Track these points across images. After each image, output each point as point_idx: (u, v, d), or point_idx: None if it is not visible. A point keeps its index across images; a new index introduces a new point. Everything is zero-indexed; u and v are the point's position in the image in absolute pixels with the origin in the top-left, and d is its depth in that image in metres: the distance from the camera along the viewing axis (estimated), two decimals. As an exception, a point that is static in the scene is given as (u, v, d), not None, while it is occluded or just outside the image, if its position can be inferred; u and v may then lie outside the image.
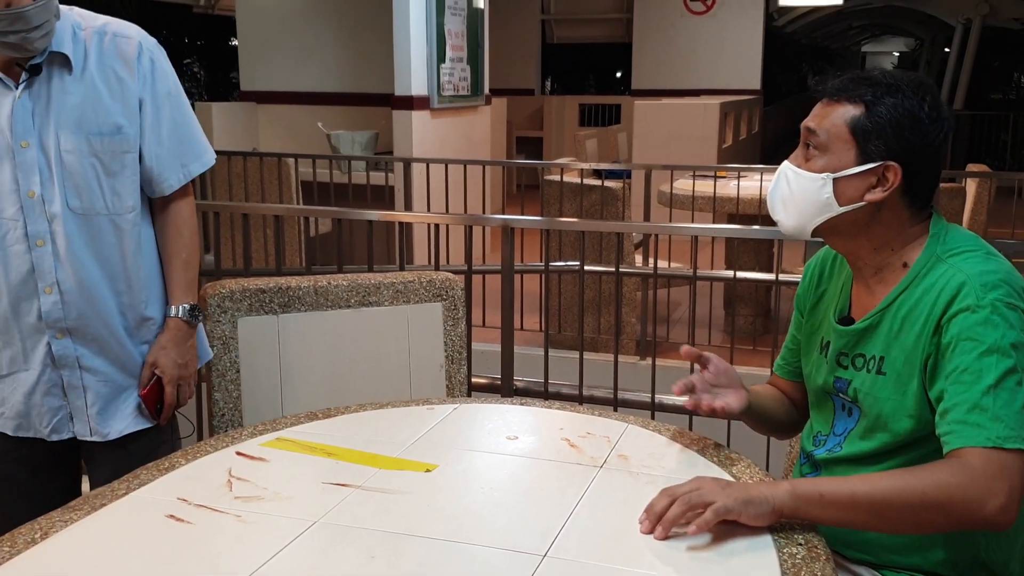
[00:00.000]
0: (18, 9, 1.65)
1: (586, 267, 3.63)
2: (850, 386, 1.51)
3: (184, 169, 1.93)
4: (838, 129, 1.43)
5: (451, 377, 2.15)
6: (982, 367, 1.31)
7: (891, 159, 1.41)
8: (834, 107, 1.45)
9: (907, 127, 1.40)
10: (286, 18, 7.41)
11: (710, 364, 1.58)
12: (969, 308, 1.34)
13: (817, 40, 25.26)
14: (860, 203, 1.44)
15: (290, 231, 5.59)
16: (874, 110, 1.41)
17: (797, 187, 1.47)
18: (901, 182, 1.42)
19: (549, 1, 11.97)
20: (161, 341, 1.92)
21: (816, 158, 1.45)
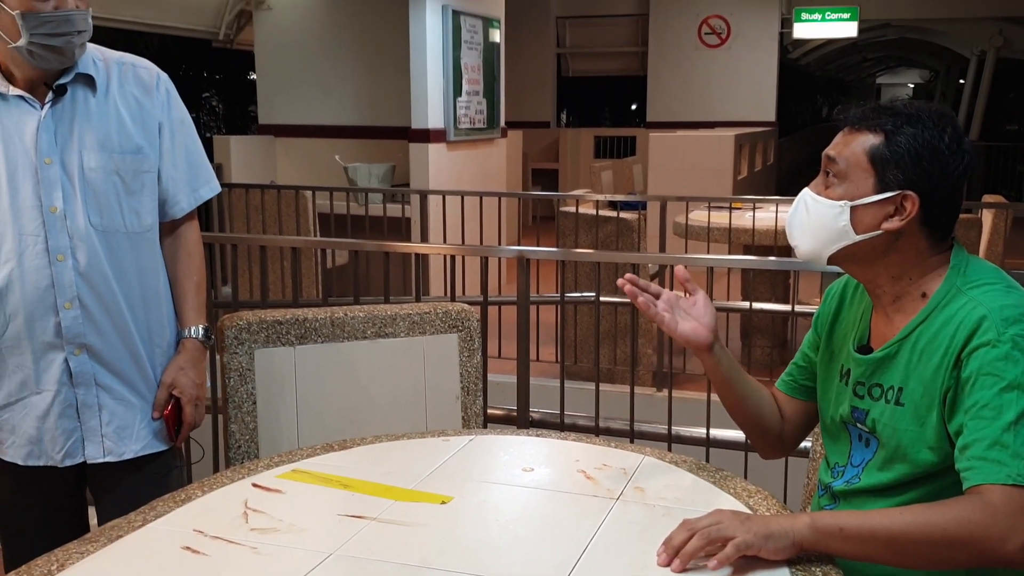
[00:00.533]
0: (65, 12, 1.71)
1: (602, 298, 3.63)
2: (868, 416, 1.49)
3: (195, 193, 1.98)
4: (857, 158, 1.44)
5: (467, 408, 2.15)
6: (1002, 403, 1.30)
7: (909, 188, 1.41)
8: (855, 136, 1.45)
9: (926, 157, 1.40)
10: (304, 52, 7.49)
11: (695, 294, 1.59)
12: (989, 343, 1.34)
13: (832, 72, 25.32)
14: (877, 232, 1.44)
15: (307, 263, 5.62)
16: (893, 139, 1.41)
17: (815, 213, 1.47)
18: (919, 212, 1.42)
19: (564, 35, 12.07)
20: (179, 362, 1.94)
21: (835, 186, 1.46)
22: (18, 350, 1.83)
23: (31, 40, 1.70)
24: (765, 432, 1.68)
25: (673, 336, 1.57)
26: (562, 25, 12.00)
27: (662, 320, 1.56)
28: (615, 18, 11.87)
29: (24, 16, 1.68)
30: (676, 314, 1.58)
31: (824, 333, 1.64)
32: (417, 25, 6.50)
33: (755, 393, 1.66)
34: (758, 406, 1.66)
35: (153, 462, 1.93)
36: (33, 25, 1.69)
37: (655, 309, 1.56)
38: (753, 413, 1.66)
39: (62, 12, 1.71)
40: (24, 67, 1.77)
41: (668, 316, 1.57)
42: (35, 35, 1.70)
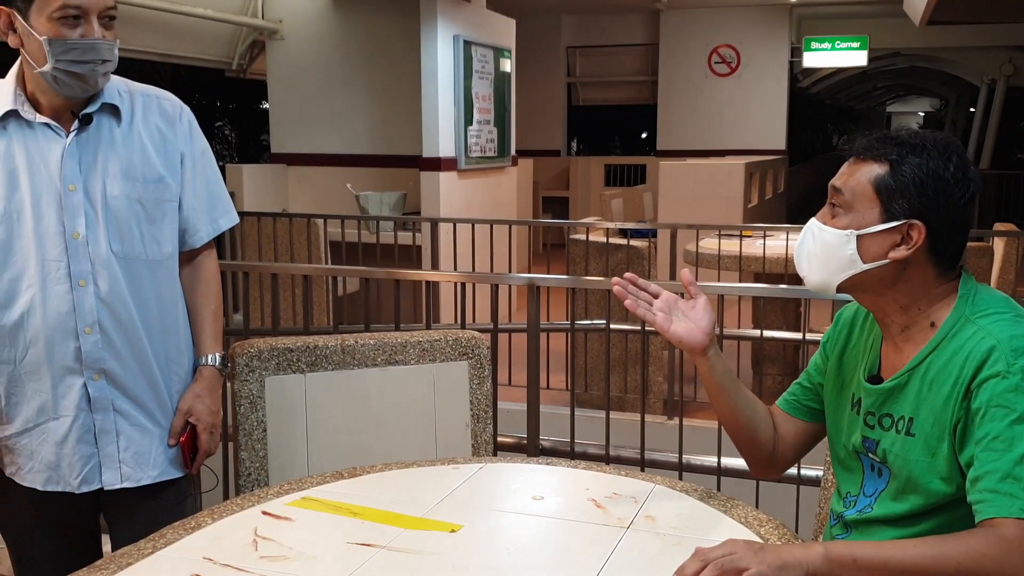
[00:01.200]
0: (91, 40, 1.74)
1: (612, 325, 3.63)
2: (879, 446, 1.49)
3: (214, 223, 2.00)
4: (862, 187, 1.45)
5: (477, 436, 2.15)
6: (1013, 435, 1.30)
7: (915, 218, 1.41)
8: (860, 166, 1.46)
9: (931, 186, 1.41)
10: (316, 82, 7.55)
11: (697, 297, 1.60)
12: (999, 374, 1.34)
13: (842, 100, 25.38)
14: (884, 261, 1.44)
15: (318, 290, 5.64)
16: (898, 169, 1.42)
17: (822, 243, 1.48)
18: (926, 241, 1.42)
19: (575, 64, 12.14)
20: (195, 389, 1.95)
21: (841, 216, 1.47)
22: (37, 375, 1.83)
23: (56, 66, 1.73)
24: (757, 447, 1.67)
25: (666, 336, 1.58)
26: (572, 55, 12.08)
27: (653, 320, 1.58)
28: (625, 47, 11.94)
29: (51, 42, 1.71)
30: (673, 315, 1.59)
31: (833, 359, 1.64)
32: (429, 55, 6.56)
33: (749, 405, 1.65)
34: (751, 419, 1.65)
35: (169, 489, 1.93)
36: (59, 51, 1.72)
37: (645, 309, 1.58)
38: (746, 425, 1.65)
39: (88, 40, 1.73)
40: (50, 94, 1.80)
41: (661, 316, 1.58)
42: (60, 61, 1.73)
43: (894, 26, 11.53)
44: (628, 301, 1.58)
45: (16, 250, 1.81)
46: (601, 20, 11.80)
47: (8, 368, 1.83)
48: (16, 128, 1.81)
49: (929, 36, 11.63)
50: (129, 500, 1.91)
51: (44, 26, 1.72)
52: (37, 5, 1.71)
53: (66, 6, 1.70)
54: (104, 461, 1.87)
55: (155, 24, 6.83)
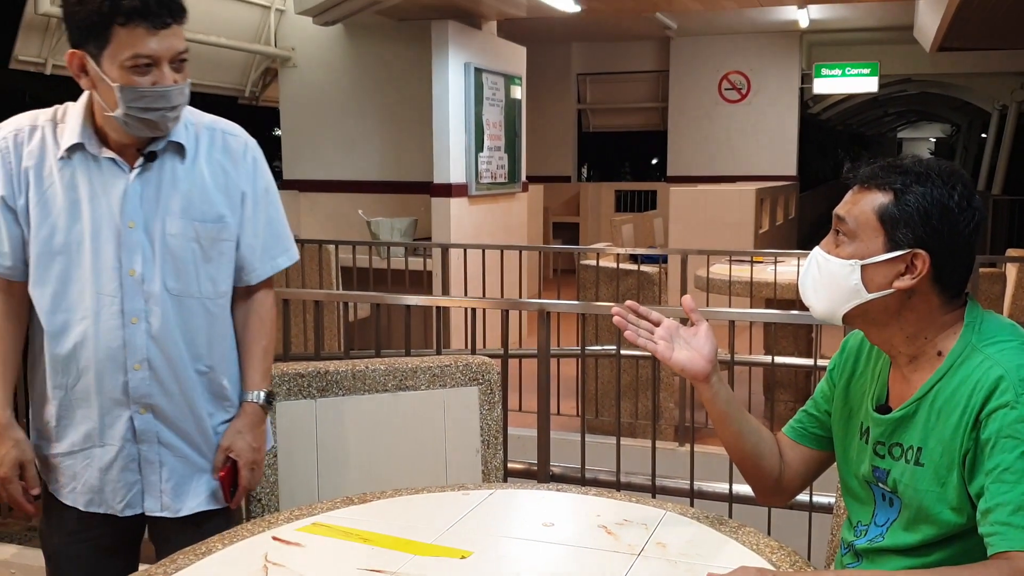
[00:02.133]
0: (163, 88, 1.74)
1: (623, 351, 3.63)
2: (889, 476, 1.48)
3: (273, 262, 1.98)
4: (866, 216, 1.44)
5: (487, 462, 2.14)
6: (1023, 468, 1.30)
7: (919, 247, 1.41)
8: (864, 194, 1.45)
9: (935, 215, 1.40)
10: (328, 109, 7.61)
11: (699, 324, 1.60)
12: (1008, 404, 1.33)
13: (852, 126, 25.42)
14: (889, 290, 1.43)
15: (329, 316, 5.65)
16: (902, 198, 1.41)
17: (827, 272, 1.48)
18: (930, 270, 1.41)
19: (585, 91, 12.20)
20: (237, 425, 1.94)
21: (845, 244, 1.46)
22: (86, 403, 1.85)
23: (127, 112, 1.74)
24: (762, 474, 1.66)
25: (668, 364, 1.58)
26: (583, 82, 12.14)
27: (655, 349, 1.58)
28: (635, 74, 12.00)
29: (123, 89, 1.72)
30: (675, 343, 1.59)
31: (840, 387, 1.63)
32: (440, 82, 6.61)
33: (754, 432, 1.64)
34: (756, 445, 1.64)
35: (212, 520, 1.92)
36: (131, 99, 1.72)
37: (646, 338, 1.58)
38: (751, 452, 1.64)
39: (160, 88, 1.73)
40: (119, 132, 1.80)
41: (663, 344, 1.58)
42: (131, 108, 1.73)
43: (905, 52, 11.57)
44: (628, 332, 1.59)
45: (73, 280, 1.82)
46: (611, 47, 11.87)
47: (60, 393, 1.85)
48: (81, 160, 1.82)
49: (940, 62, 11.66)
50: (173, 528, 1.91)
51: (116, 72, 1.71)
52: (110, 51, 1.71)
53: (137, 56, 1.70)
54: (147, 488, 1.88)
55: (169, 52, 6.89)
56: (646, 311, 1.62)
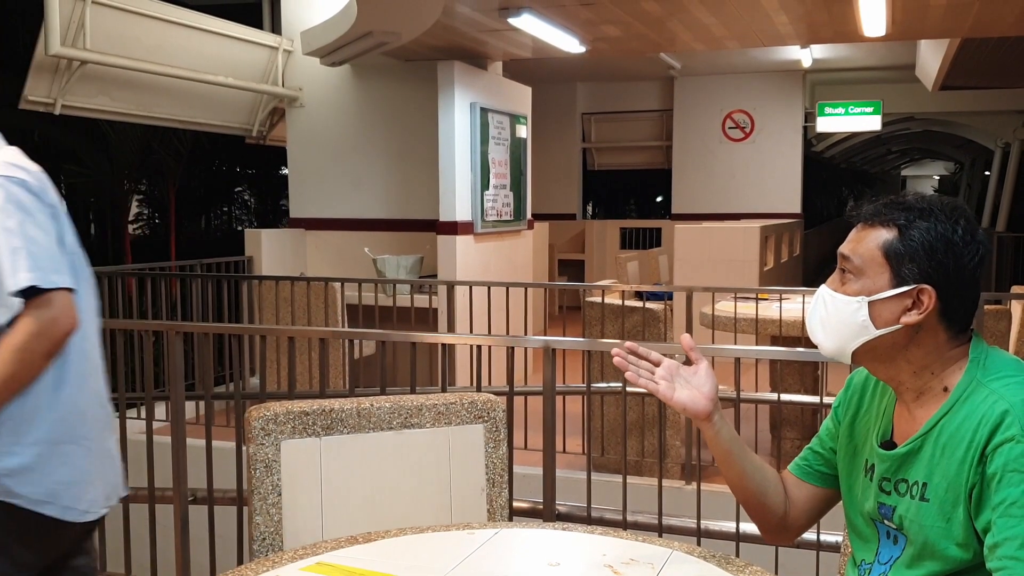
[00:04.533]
0: None
1: (629, 388, 3.62)
2: (895, 512, 1.47)
3: None
4: (872, 253, 1.45)
5: (492, 501, 2.13)
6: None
7: (925, 282, 1.42)
8: (868, 232, 1.46)
9: (940, 250, 1.41)
10: (335, 148, 7.67)
11: (698, 363, 1.61)
12: (1014, 439, 1.33)
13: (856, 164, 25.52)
14: (896, 326, 1.44)
15: (335, 353, 5.65)
16: (907, 234, 1.42)
17: (834, 310, 1.48)
18: (937, 305, 1.42)
19: (590, 130, 12.28)
20: None
21: (852, 282, 1.47)
22: None
23: None
24: (767, 512, 1.66)
25: (670, 404, 1.58)
26: (587, 121, 12.23)
27: (656, 389, 1.59)
28: (640, 113, 12.09)
29: None
30: (676, 382, 1.60)
31: (845, 424, 1.63)
32: (446, 122, 6.66)
33: (758, 471, 1.64)
34: (761, 484, 1.64)
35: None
36: None
37: (647, 379, 1.59)
38: (755, 491, 1.64)
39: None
40: None
41: (664, 384, 1.59)
42: None
43: (907, 91, 11.65)
44: (629, 373, 1.60)
45: None
46: (616, 87, 11.97)
47: None
48: None
49: (942, 101, 11.73)
50: None
51: None
52: None
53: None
54: None
55: (177, 92, 6.97)
56: (646, 351, 1.62)
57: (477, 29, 6.27)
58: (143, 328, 5.36)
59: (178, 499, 3.60)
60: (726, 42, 7.08)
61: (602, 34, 6.56)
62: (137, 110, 6.86)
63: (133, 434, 4.12)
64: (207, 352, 3.83)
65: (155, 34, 6.46)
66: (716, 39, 6.86)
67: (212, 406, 3.84)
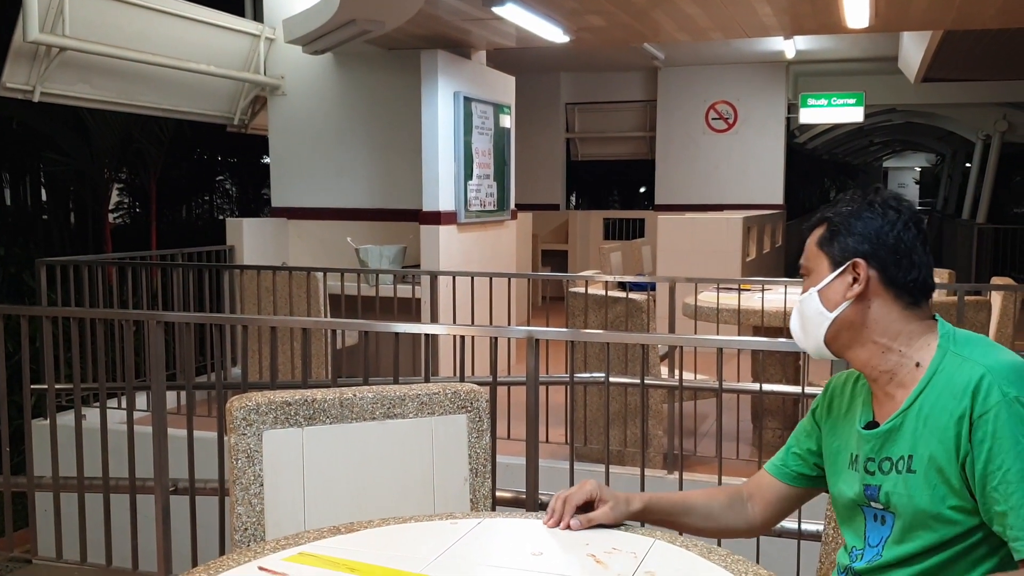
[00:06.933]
0: None
1: (612, 379, 3.62)
2: (881, 491, 1.52)
3: None
4: (812, 251, 1.61)
5: (475, 491, 2.13)
6: (1023, 467, 1.36)
7: (854, 256, 1.53)
8: (809, 236, 1.63)
9: (859, 224, 1.54)
10: (317, 137, 7.63)
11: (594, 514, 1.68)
12: (997, 404, 1.39)
13: (839, 156, 25.63)
14: (846, 303, 1.54)
15: (317, 343, 5.63)
16: (832, 222, 1.57)
17: (800, 311, 1.63)
18: (877, 273, 1.53)
19: (573, 120, 12.28)
20: None
21: (806, 282, 1.62)
22: None
23: None
24: (730, 532, 1.79)
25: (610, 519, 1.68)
26: (571, 111, 12.22)
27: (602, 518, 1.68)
28: (623, 104, 12.09)
29: None
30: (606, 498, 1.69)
31: (827, 428, 1.70)
32: (429, 111, 6.64)
33: (703, 514, 1.75)
34: (716, 519, 1.75)
35: None
36: None
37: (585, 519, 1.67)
38: (712, 528, 1.77)
39: None
40: None
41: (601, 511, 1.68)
42: None
43: (890, 83, 11.70)
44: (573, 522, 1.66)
45: None
46: (599, 77, 11.96)
47: None
48: None
49: (924, 93, 11.79)
50: None
51: None
52: None
53: None
54: None
55: (158, 80, 6.91)
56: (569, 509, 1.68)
57: (461, 18, 6.25)
58: (124, 318, 5.32)
59: (159, 490, 3.59)
60: (710, 33, 7.08)
61: (586, 24, 6.55)
62: (118, 98, 6.80)
63: (114, 424, 4.10)
64: (188, 342, 3.81)
65: (136, 21, 6.40)
66: (700, 30, 6.87)
67: (193, 396, 3.82)
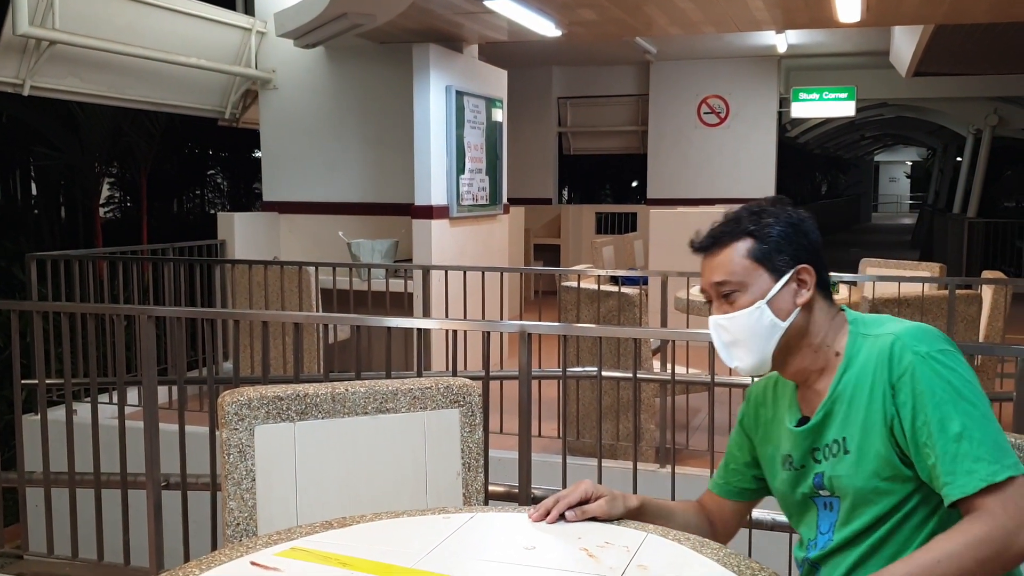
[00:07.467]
0: None
1: (604, 373, 3.63)
2: (825, 477, 1.58)
3: None
4: (743, 265, 1.58)
5: (468, 485, 2.13)
6: (942, 417, 1.41)
7: (799, 263, 1.58)
8: (722, 253, 1.60)
9: (792, 233, 1.58)
10: (309, 130, 7.61)
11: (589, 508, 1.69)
12: (911, 363, 1.46)
13: (830, 150, 25.67)
14: (796, 310, 1.57)
15: (309, 338, 5.63)
16: (762, 234, 1.58)
17: (741, 328, 1.59)
18: (816, 277, 1.59)
19: (566, 114, 12.27)
20: None
21: (740, 298, 1.59)
22: None
23: None
24: None
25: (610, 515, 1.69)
26: (563, 105, 12.21)
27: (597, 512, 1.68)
28: (615, 98, 12.08)
29: None
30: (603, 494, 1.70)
31: (757, 436, 1.74)
32: (421, 105, 6.63)
33: (683, 518, 1.79)
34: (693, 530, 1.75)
35: None
36: None
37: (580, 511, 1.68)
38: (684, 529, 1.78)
39: None
40: None
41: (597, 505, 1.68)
42: None
43: (881, 77, 11.71)
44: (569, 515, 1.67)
45: None
46: (592, 71, 11.96)
47: None
48: None
49: (915, 87, 11.80)
50: None
51: None
52: None
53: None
54: None
55: (149, 73, 6.88)
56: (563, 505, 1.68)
57: (453, 11, 6.23)
58: (114, 312, 5.31)
59: (151, 484, 3.58)
60: (702, 27, 7.08)
61: (578, 18, 6.54)
62: (108, 91, 6.77)
63: (105, 419, 4.09)
64: (180, 337, 3.80)
65: (126, 14, 6.37)
66: (692, 24, 6.86)
67: (185, 391, 3.81)
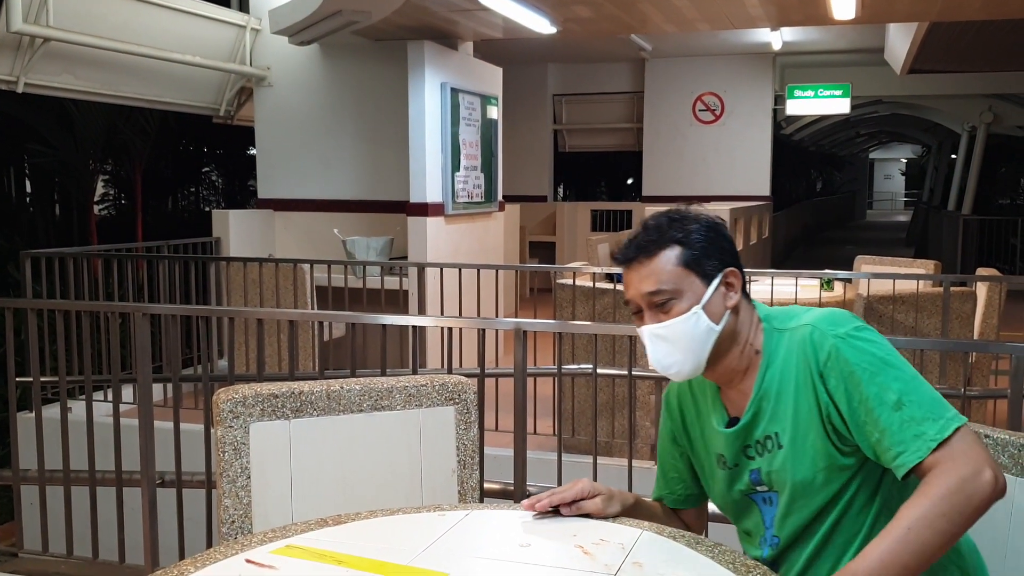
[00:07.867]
0: None
1: (599, 370, 3.63)
2: (762, 473, 1.60)
3: None
4: (674, 272, 1.59)
5: (463, 483, 2.13)
6: (878, 390, 1.44)
7: (726, 267, 1.62)
8: (651, 263, 1.60)
9: (715, 238, 1.62)
10: (304, 128, 7.60)
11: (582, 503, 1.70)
12: (832, 347, 1.50)
13: (825, 147, 25.70)
14: (727, 313, 1.61)
15: (304, 336, 5.62)
16: (689, 241, 1.60)
17: (678, 335, 1.60)
18: (740, 278, 1.63)
19: (561, 112, 12.27)
20: None
21: (676, 305, 1.60)
22: None
23: None
24: None
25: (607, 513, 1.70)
26: (558, 102, 12.21)
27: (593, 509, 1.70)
28: (610, 95, 12.08)
29: None
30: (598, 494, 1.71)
31: (686, 441, 1.77)
32: (416, 102, 6.62)
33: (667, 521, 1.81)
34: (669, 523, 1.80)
35: None
36: None
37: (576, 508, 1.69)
38: None
39: None
40: None
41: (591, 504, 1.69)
42: None
43: (876, 74, 11.73)
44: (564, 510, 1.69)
45: None
46: (587, 69, 11.95)
47: None
48: None
49: (910, 84, 11.82)
50: None
51: None
52: None
53: None
54: None
55: (144, 70, 6.87)
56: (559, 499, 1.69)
57: (448, 8, 6.23)
58: (109, 310, 5.29)
59: (146, 482, 3.58)
60: (697, 24, 7.08)
61: (573, 15, 6.54)
62: (102, 89, 6.76)
63: (100, 417, 4.08)
64: (174, 334, 3.80)
65: (120, 11, 6.36)
66: (687, 21, 6.86)
67: (180, 389, 3.81)
